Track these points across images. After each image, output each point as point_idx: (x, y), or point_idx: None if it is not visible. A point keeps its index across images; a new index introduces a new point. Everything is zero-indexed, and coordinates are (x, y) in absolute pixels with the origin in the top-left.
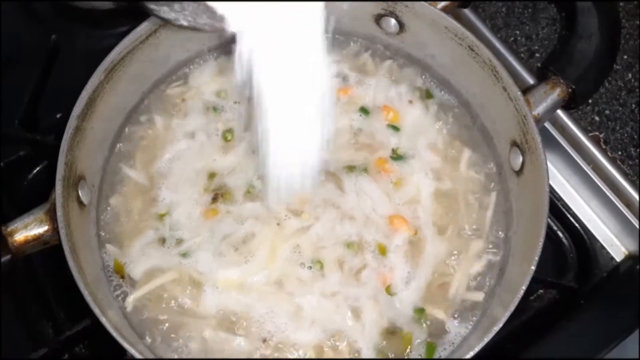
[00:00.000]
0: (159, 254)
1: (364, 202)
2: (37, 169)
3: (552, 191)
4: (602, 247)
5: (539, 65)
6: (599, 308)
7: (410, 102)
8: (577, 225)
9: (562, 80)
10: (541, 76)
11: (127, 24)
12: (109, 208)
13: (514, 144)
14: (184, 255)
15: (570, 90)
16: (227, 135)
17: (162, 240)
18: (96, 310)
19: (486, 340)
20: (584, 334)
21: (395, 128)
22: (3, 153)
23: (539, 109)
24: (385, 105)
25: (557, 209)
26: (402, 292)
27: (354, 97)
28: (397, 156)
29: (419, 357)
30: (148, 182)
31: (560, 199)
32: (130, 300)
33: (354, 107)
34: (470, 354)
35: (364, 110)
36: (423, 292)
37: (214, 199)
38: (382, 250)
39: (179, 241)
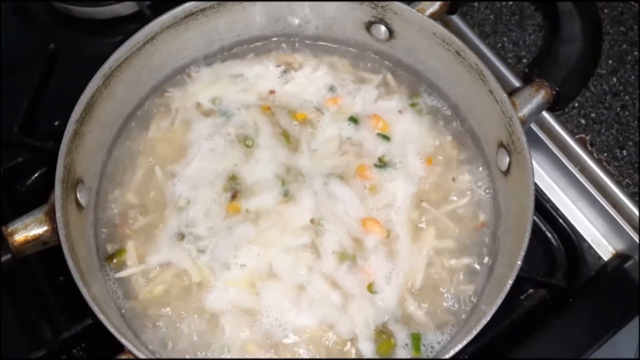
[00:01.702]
0: (176, 248)
1: (335, 206)
2: (36, 174)
3: (541, 193)
4: (590, 247)
5: (526, 70)
6: (587, 306)
7: (400, 112)
8: (565, 225)
9: (546, 83)
10: (526, 79)
11: (124, 32)
12: (114, 205)
13: (501, 145)
14: (201, 251)
15: (554, 92)
16: (247, 142)
17: (181, 236)
18: (94, 308)
19: (474, 333)
20: (573, 331)
21: (385, 137)
22: (2, 159)
23: (525, 111)
24: (375, 114)
25: (546, 210)
26: (383, 292)
27: (343, 106)
28: (382, 164)
29: (406, 346)
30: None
31: (548, 201)
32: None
33: (344, 116)
34: (459, 347)
35: (353, 120)
36: (407, 291)
37: (234, 197)
38: (344, 256)
39: (196, 237)
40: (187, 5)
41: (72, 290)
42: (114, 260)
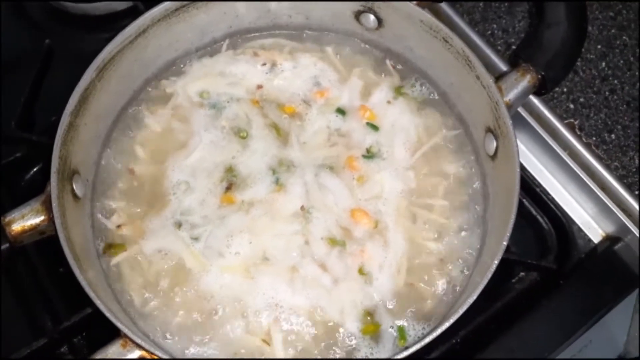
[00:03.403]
0: (172, 236)
1: (325, 196)
2: (35, 169)
3: (531, 177)
4: (580, 230)
5: (512, 55)
6: (578, 288)
7: (389, 102)
8: (555, 209)
9: (531, 67)
10: (512, 64)
11: (119, 27)
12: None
13: (489, 129)
14: (195, 239)
15: (539, 76)
16: (242, 133)
17: (178, 224)
18: (91, 294)
19: (460, 312)
20: (564, 312)
21: (374, 127)
22: (1, 154)
23: (510, 95)
24: (362, 104)
25: (536, 194)
26: (374, 279)
27: (330, 98)
28: (370, 155)
29: (391, 328)
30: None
31: (538, 185)
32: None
33: (331, 108)
34: (445, 326)
35: (341, 111)
36: (397, 278)
37: (228, 188)
38: (333, 242)
39: (192, 226)
40: None
41: (72, 281)
42: (112, 250)
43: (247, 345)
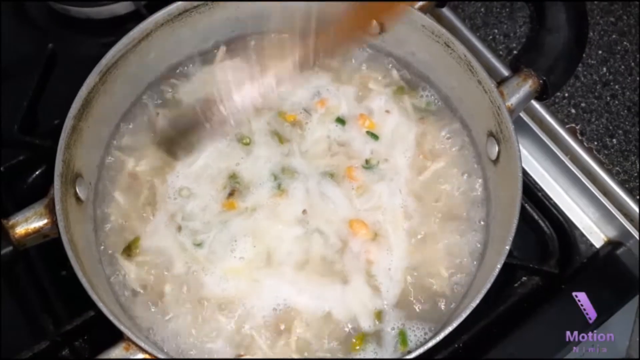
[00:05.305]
0: (174, 240)
1: (326, 205)
2: (37, 172)
3: (533, 182)
4: (582, 234)
5: (513, 60)
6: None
7: (387, 112)
8: (557, 214)
9: (533, 72)
10: (514, 69)
11: (122, 31)
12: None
13: (491, 134)
14: (198, 245)
15: (541, 81)
16: (245, 140)
17: (179, 228)
18: (94, 297)
19: (464, 316)
20: (566, 317)
21: (374, 136)
22: (3, 157)
23: (512, 100)
24: (362, 113)
25: (538, 199)
26: (380, 284)
27: (330, 107)
28: (369, 165)
29: (392, 330)
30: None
31: (540, 190)
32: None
33: (331, 117)
34: (448, 330)
35: (341, 120)
36: (400, 284)
37: (231, 194)
38: (334, 247)
39: (193, 231)
40: (180, 2)
41: (74, 284)
42: (131, 251)
43: (252, 346)
